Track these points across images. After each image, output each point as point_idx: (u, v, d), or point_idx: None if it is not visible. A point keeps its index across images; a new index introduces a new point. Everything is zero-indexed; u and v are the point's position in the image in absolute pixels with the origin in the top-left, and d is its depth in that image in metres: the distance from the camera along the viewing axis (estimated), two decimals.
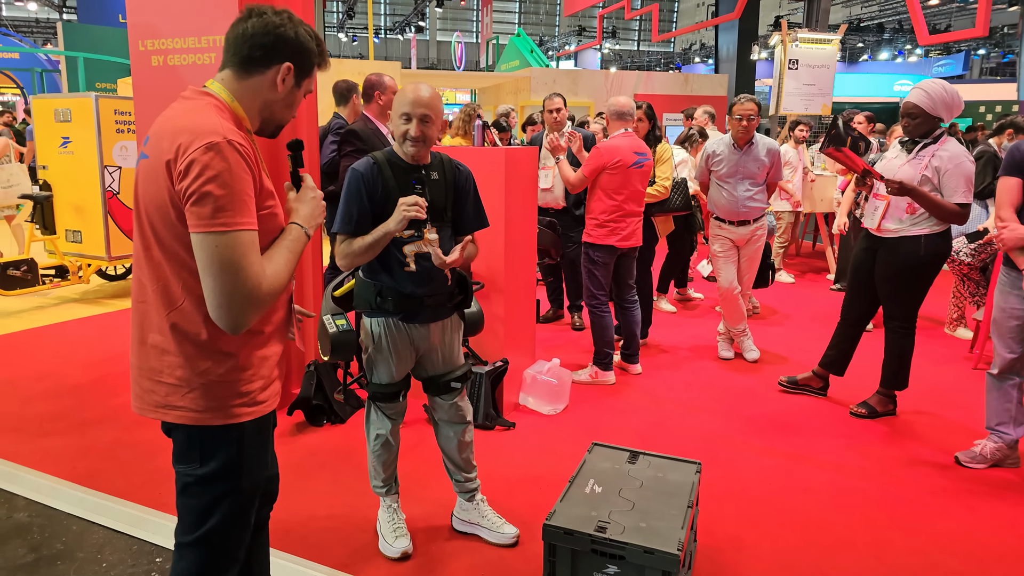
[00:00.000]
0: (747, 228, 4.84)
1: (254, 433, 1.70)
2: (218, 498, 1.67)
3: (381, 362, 2.67)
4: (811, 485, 3.33)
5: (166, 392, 1.61)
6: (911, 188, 3.68)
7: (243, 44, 1.64)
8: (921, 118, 3.73)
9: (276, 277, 1.58)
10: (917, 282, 3.89)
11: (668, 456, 2.80)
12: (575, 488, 2.59)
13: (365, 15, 11.48)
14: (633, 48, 39.46)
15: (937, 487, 3.33)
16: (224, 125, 1.53)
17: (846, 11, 31.03)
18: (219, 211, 1.46)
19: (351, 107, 4.86)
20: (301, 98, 1.76)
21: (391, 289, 2.57)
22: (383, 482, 2.86)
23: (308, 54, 1.69)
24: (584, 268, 4.51)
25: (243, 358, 1.64)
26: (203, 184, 1.46)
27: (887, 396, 4.13)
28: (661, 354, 5.20)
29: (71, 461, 3.46)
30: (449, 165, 2.67)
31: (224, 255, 1.47)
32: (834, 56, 10.31)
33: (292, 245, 1.67)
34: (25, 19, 28.99)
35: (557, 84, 11.27)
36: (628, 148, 4.34)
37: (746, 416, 4.11)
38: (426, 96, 2.47)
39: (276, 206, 1.66)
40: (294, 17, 1.68)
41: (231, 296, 1.49)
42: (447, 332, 2.74)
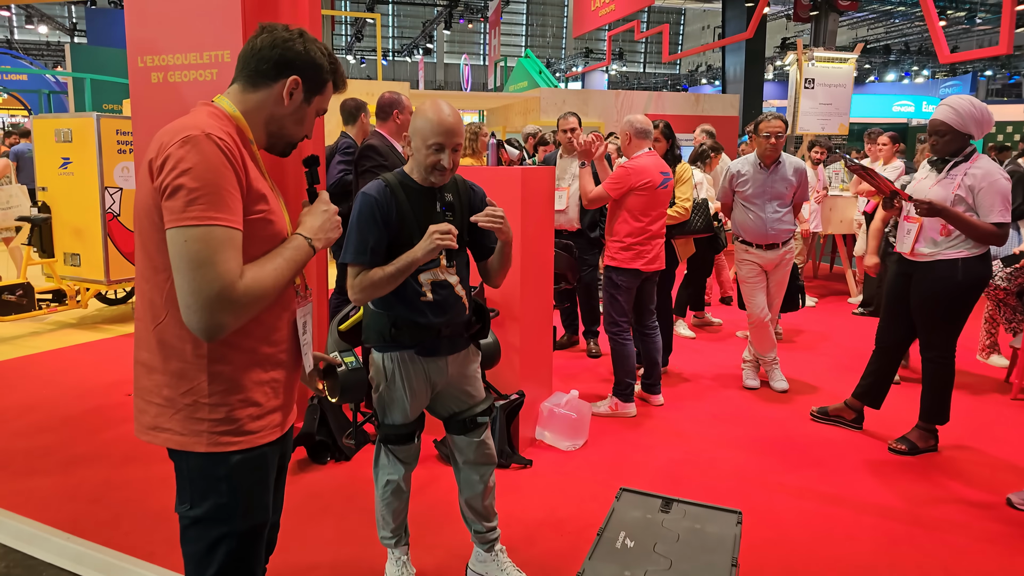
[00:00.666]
0: (776, 252, 4.61)
1: (247, 469, 1.57)
2: (214, 544, 1.57)
3: (395, 401, 2.43)
4: (855, 531, 3.07)
5: (155, 413, 1.53)
6: (942, 208, 3.48)
7: (251, 58, 1.61)
8: (949, 135, 3.55)
9: (258, 281, 1.46)
10: (956, 309, 3.67)
11: (705, 504, 2.57)
12: (605, 541, 2.36)
13: (373, 38, 11.40)
14: (639, 70, 39.59)
15: (992, 534, 3.07)
16: (209, 123, 1.47)
17: (852, 33, 31.08)
18: (191, 204, 1.38)
19: (359, 126, 4.71)
20: (313, 116, 1.70)
21: (406, 320, 2.34)
22: (392, 532, 2.62)
23: (318, 70, 1.64)
24: (606, 293, 4.28)
25: (233, 379, 1.53)
26: (176, 177, 1.39)
27: (928, 431, 3.87)
28: (683, 383, 4.96)
29: (56, 503, 3.23)
30: (464, 187, 2.47)
31: (194, 250, 1.38)
32: (851, 75, 10.20)
33: (289, 254, 1.56)
34: (36, 42, 29.24)
35: (567, 104, 11.12)
36: (655, 168, 4.15)
37: (778, 452, 3.86)
38: (456, 122, 2.27)
39: (271, 212, 1.57)
40: (307, 34, 1.64)
41: (199, 294, 1.38)
42: (465, 364, 2.53)
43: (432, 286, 2.33)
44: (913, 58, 29.94)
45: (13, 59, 17.09)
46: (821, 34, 18.37)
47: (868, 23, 29.85)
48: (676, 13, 38.08)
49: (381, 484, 2.55)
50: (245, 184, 1.49)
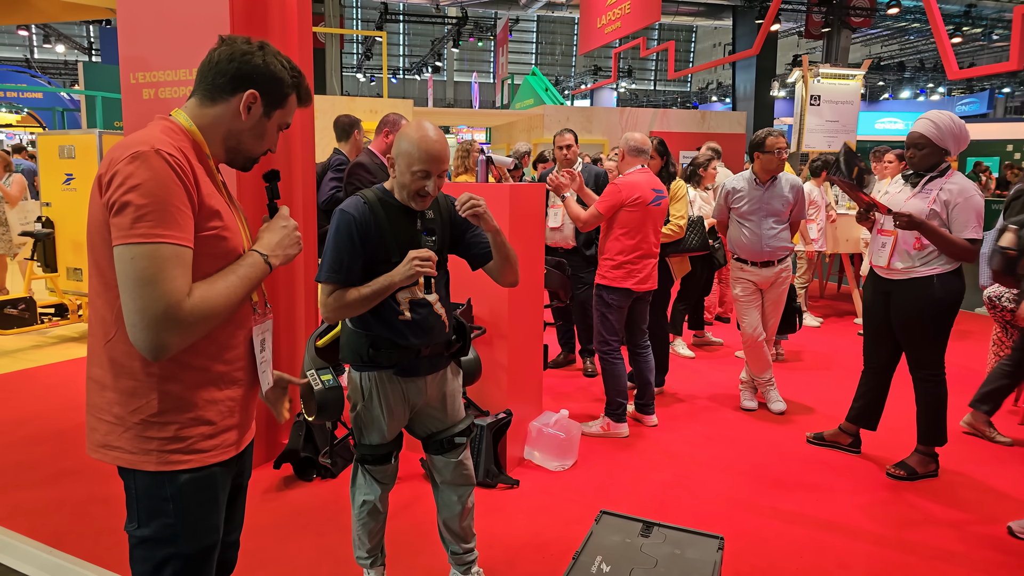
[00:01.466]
0: (771, 270, 4.55)
1: (195, 489, 1.54)
2: (160, 564, 1.53)
3: (372, 421, 2.38)
4: (847, 559, 2.99)
5: (105, 431, 1.50)
6: (920, 221, 3.44)
7: (209, 71, 1.58)
8: (928, 149, 3.54)
9: (206, 300, 1.43)
10: (939, 325, 3.62)
11: (686, 529, 2.51)
12: (580, 566, 2.31)
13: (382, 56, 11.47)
14: (649, 87, 39.64)
15: (991, 563, 2.98)
16: (160, 138, 1.44)
17: (865, 50, 30.95)
18: (138, 221, 1.36)
19: (352, 143, 4.71)
20: (275, 130, 1.66)
21: (386, 340, 2.29)
22: (368, 552, 2.58)
23: (278, 83, 1.60)
24: (596, 312, 4.24)
25: (184, 397, 1.50)
26: (124, 193, 1.36)
27: (928, 455, 3.78)
28: (678, 403, 4.89)
29: (41, 517, 3.23)
30: (444, 202, 2.41)
31: (140, 267, 1.36)
32: (858, 92, 10.12)
33: (243, 271, 1.53)
34: (54, 61, 29.70)
35: (571, 121, 11.14)
36: (647, 185, 4.11)
37: (772, 476, 3.78)
38: (442, 148, 2.19)
39: (225, 228, 1.53)
40: (268, 47, 1.61)
41: (144, 312, 1.36)
42: (446, 383, 2.48)
43: (410, 304, 2.27)
44: (928, 75, 29.70)
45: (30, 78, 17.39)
46: (833, 51, 18.39)
47: (882, 40, 29.67)
48: (687, 31, 38.18)
49: (357, 504, 2.51)
50: (197, 201, 1.46)
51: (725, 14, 20.27)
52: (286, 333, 3.82)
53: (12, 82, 16.43)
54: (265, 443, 3.77)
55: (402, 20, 27.42)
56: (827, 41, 18.57)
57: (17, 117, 19.55)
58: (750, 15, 18.40)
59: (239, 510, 1.80)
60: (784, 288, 4.64)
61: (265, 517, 3.24)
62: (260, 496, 3.43)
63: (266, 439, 3.78)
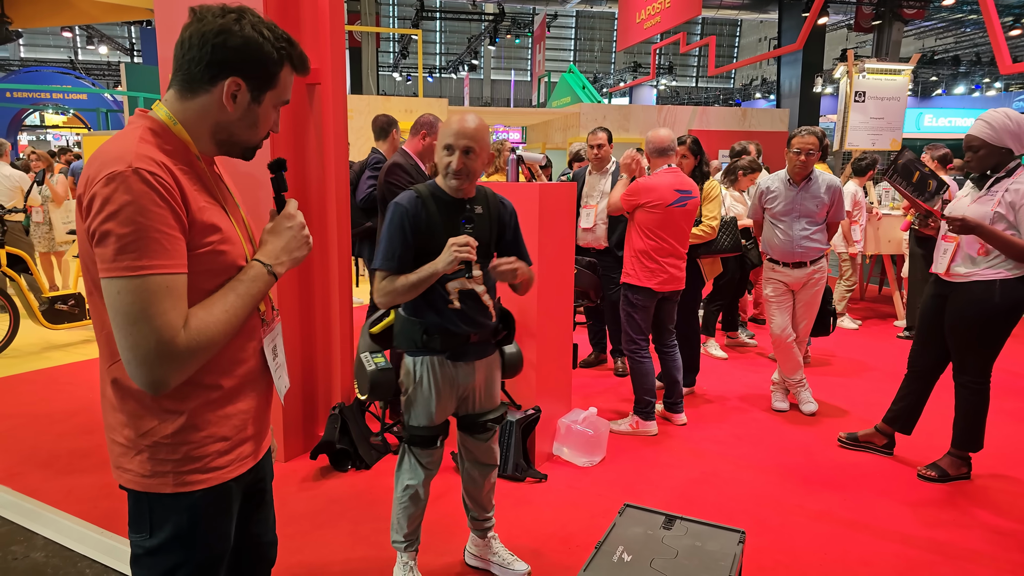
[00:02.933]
0: (803, 271, 4.50)
1: (211, 501, 1.46)
2: (168, 572, 1.45)
3: (421, 403, 2.54)
4: (872, 558, 3.01)
5: (119, 452, 1.42)
6: (975, 225, 3.35)
7: (182, 57, 1.38)
8: (985, 151, 3.44)
9: (205, 329, 1.32)
10: (992, 333, 3.52)
11: (708, 522, 2.55)
12: (602, 556, 2.37)
13: (418, 54, 11.60)
14: (691, 84, 39.17)
15: (1019, 565, 2.96)
16: (138, 151, 1.29)
17: (918, 43, 30.00)
18: (121, 252, 1.24)
19: (390, 142, 4.79)
20: (271, 114, 1.48)
21: (437, 327, 2.46)
22: (404, 537, 2.71)
23: (263, 63, 1.40)
24: (623, 311, 4.27)
25: (195, 417, 1.41)
26: (103, 222, 1.24)
27: (960, 458, 3.74)
28: (708, 404, 4.90)
29: (93, 501, 3.41)
30: (494, 200, 2.57)
31: (127, 302, 1.25)
32: (905, 88, 9.80)
33: (244, 288, 1.41)
34: (97, 62, 30.46)
35: (608, 120, 11.09)
36: (668, 186, 4.07)
37: (800, 475, 3.79)
38: (470, 127, 2.36)
39: (223, 241, 1.40)
40: (246, 16, 1.38)
41: (136, 350, 1.26)
42: (491, 369, 2.65)
43: (460, 295, 2.43)
44: (985, 69, 28.52)
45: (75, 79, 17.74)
46: (884, 44, 17.87)
47: (937, 32, 28.71)
48: (731, 25, 37.63)
49: (400, 488, 2.64)
50: (186, 219, 1.32)
51: (771, 7, 19.87)
52: (321, 326, 3.95)
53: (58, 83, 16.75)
54: (302, 435, 3.91)
55: (439, 17, 27.49)
56: (878, 34, 18.06)
57: (63, 118, 20.12)
58: (797, 8, 17.93)
59: (270, 512, 1.76)
60: (817, 290, 4.56)
61: (302, 505, 3.37)
62: (297, 485, 3.56)
63: (303, 431, 3.91)
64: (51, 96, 15.53)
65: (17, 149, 14.87)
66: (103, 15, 9.37)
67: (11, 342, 5.97)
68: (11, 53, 30.05)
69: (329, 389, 4.01)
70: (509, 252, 2.53)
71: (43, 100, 15.90)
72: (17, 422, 4.44)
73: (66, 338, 6.51)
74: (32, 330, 6.48)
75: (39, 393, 5.00)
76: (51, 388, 5.11)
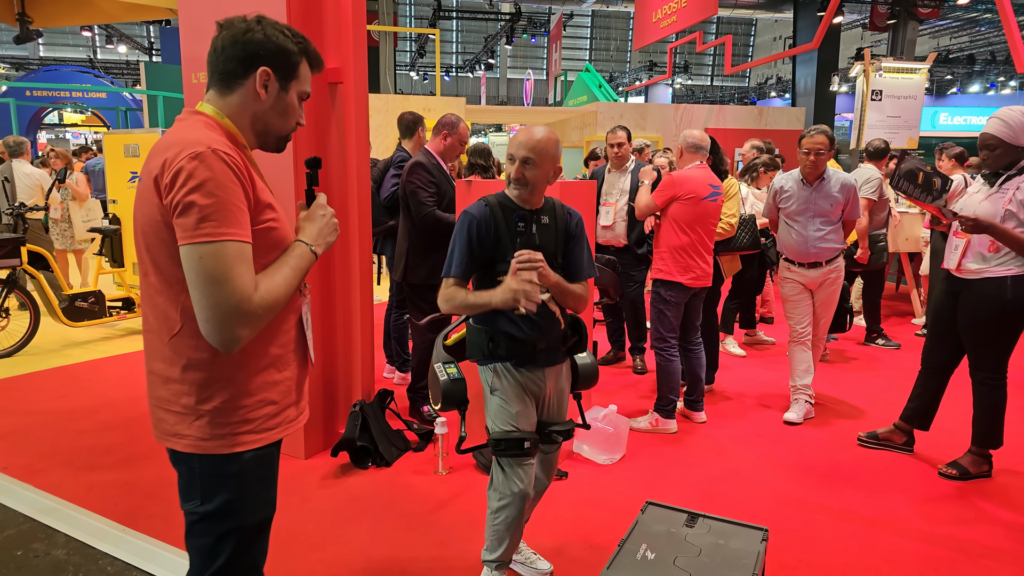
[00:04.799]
0: (819, 271, 4.43)
1: (256, 466, 1.62)
2: (223, 536, 1.61)
3: (498, 410, 2.49)
4: (894, 556, 2.99)
5: (175, 421, 1.56)
6: (988, 224, 3.36)
7: (217, 60, 1.59)
8: (1001, 149, 3.44)
9: (270, 292, 1.50)
10: (1006, 329, 3.53)
11: (731, 520, 2.54)
12: (625, 553, 2.36)
13: (435, 53, 11.63)
14: (706, 83, 39.04)
15: None
16: (211, 136, 1.49)
17: (933, 42, 29.84)
18: (203, 221, 1.40)
19: (416, 140, 4.80)
20: (296, 103, 1.67)
21: (503, 333, 2.45)
22: (496, 559, 2.58)
23: (285, 54, 1.61)
24: (654, 308, 4.26)
25: (248, 383, 1.58)
26: (187, 194, 1.40)
27: (981, 456, 3.72)
28: (727, 401, 4.89)
29: (114, 498, 3.42)
30: (561, 211, 2.55)
31: (209, 266, 1.41)
32: (921, 86, 9.78)
33: (294, 262, 1.61)
34: (116, 61, 30.63)
35: (625, 118, 11.06)
36: (703, 180, 4.13)
37: (821, 473, 3.77)
38: (532, 139, 2.38)
39: (276, 219, 1.60)
40: (266, 20, 1.61)
41: (216, 309, 1.42)
42: (561, 379, 2.60)
43: None
44: (1000, 68, 28.35)
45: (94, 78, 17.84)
46: (899, 43, 17.78)
47: (951, 31, 28.56)
48: (746, 24, 37.51)
49: (493, 507, 2.53)
50: (252, 196, 1.51)
51: (786, 6, 19.78)
52: (342, 324, 3.96)
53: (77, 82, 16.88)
54: (323, 432, 3.92)
55: (455, 17, 27.56)
56: (892, 33, 17.98)
57: (82, 117, 20.26)
58: (812, 7, 17.88)
59: None
60: (833, 289, 4.49)
61: (322, 502, 3.38)
62: (318, 482, 3.58)
63: (324, 428, 3.93)
64: (70, 95, 15.65)
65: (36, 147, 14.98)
66: (123, 14, 9.45)
67: (31, 339, 6.01)
68: (30, 52, 30.21)
69: (350, 386, 4.03)
70: (570, 263, 2.52)
71: (62, 99, 16.01)
72: (37, 419, 4.46)
73: (86, 335, 6.56)
74: (52, 327, 6.53)
75: (59, 390, 5.04)
76: (71, 385, 5.15)
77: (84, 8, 9.33)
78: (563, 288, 2.40)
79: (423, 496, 3.45)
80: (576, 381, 2.66)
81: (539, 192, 2.45)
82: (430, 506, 3.35)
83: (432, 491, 3.50)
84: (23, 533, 3.11)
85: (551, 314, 2.45)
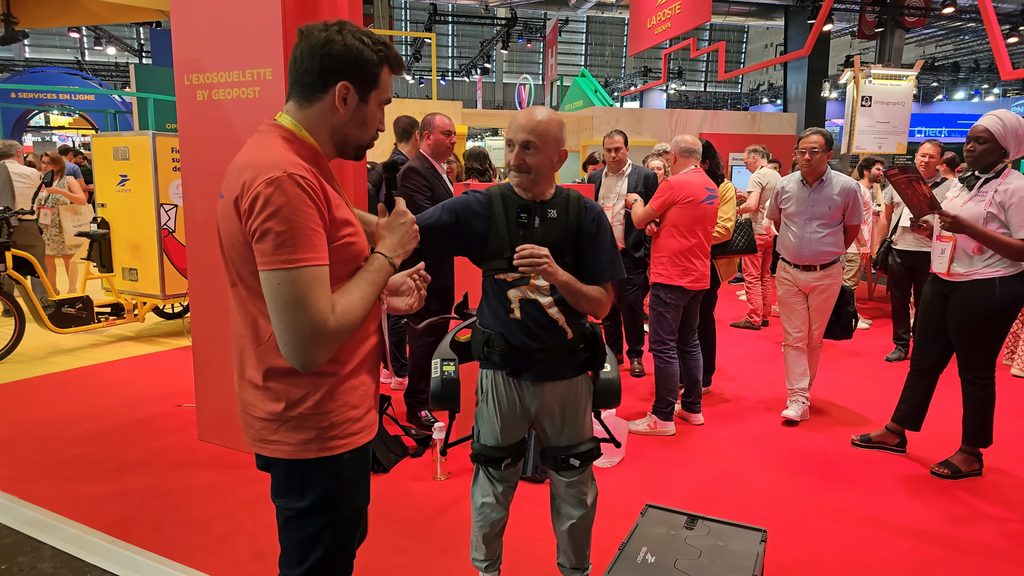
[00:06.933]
0: (811, 274, 4.36)
1: (353, 463, 1.65)
2: (320, 530, 1.64)
3: (485, 421, 2.34)
4: (888, 555, 2.99)
5: (260, 427, 1.59)
6: (967, 224, 3.42)
7: (296, 71, 1.58)
8: (989, 144, 3.49)
9: (347, 313, 1.51)
10: (995, 329, 3.60)
11: (730, 522, 2.53)
12: (626, 556, 2.34)
13: (431, 57, 11.59)
14: (700, 89, 39.23)
15: None
16: (288, 158, 1.48)
17: (919, 50, 30.17)
18: (280, 247, 1.42)
19: (413, 144, 4.78)
20: (377, 112, 1.65)
21: (499, 337, 2.25)
22: (484, 556, 2.52)
23: (366, 65, 1.57)
24: (653, 311, 4.27)
25: (334, 389, 1.59)
26: (264, 221, 1.42)
27: (972, 455, 3.77)
28: (724, 403, 4.88)
29: (103, 508, 3.34)
30: (576, 205, 2.26)
31: (287, 292, 1.43)
32: (910, 93, 9.90)
33: (372, 276, 1.60)
34: (105, 63, 30.05)
35: (620, 123, 11.07)
36: (699, 183, 4.18)
37: (817, 473, 3.78)
38: (532, 120, 2.14)
39: (353, 234, 1.60)
40: (346, 27, 1.56)
41: (295, 333, 1.44)
42: (569, 395, 2.32)
43: (520, 304, 2.22)
44: (983, 76, 28.81)
45: (82, 80, 17.51)
46: (886, 51, 17.96)
47: (936, 40, 28.90)
48: (739, 31, 37.72)
49: (475, 506, 2.46)
50: (328, 216, 1.51)
51: (777, 14, 19.96)
52: None
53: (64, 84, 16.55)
54: None
55: (451, 21, 27.53)
56: (880, 41, 18.16)
57: (69, 120, 20.06)
58: (802, 15, 18.08)
59: None
60: (827, 295, 4.41)
61: None
62: None
63: None
64: (57, 97, 15.33)
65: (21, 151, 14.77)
66: (111, 16, 9.34)
67: (16, 346, 5.84)
68: (15, 53, 29.45)
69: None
70: (585, 262, 2.25)
71: (49, 101, 15.81)
72: (23, 428, 4.34)
73: (73, 342, 6.42)
74: (39, 334, 6.34)
75: (46, 399, 4.92)
76: (58, 393, 5.03)
77: (71, 9, 9.23)
78: (573, 289, 2.15)
79: (421, 502, 3.41)
80: (594, 399, 2.41)
81: (543, 181, 2.21)
82: (428, 512, 3.31)
83: (430, 497, 3.46)
84: (7, 546, 3.02)
85: (552, 322, 2.22)
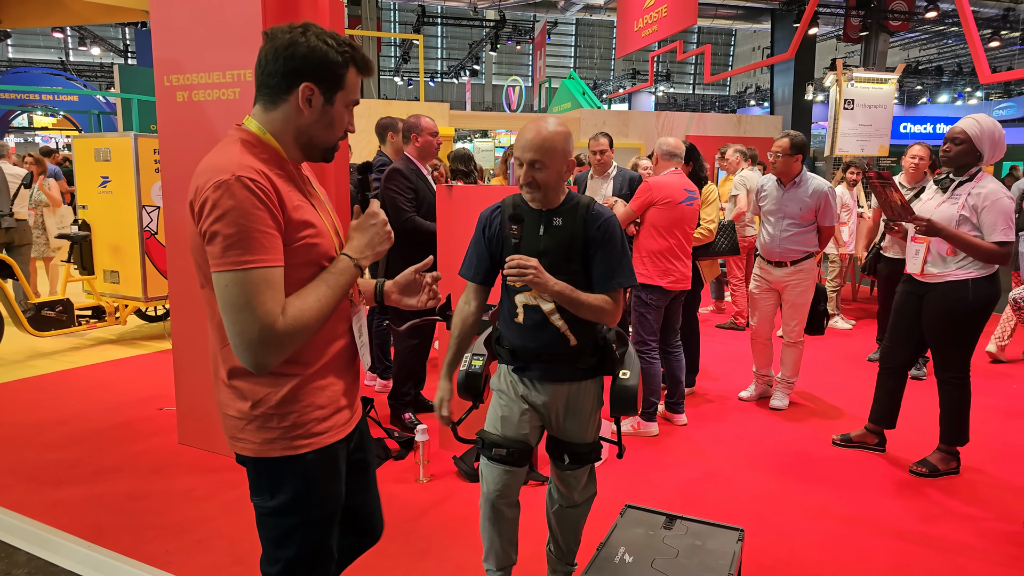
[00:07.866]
0: (782, 270, 4.62)
1: (320, 464, 1.65)
2: (290, 530, 1.65)
3: (492, 409, 2.43)
4: (867, 553, 3.02)
5: (231, 424, 1.62)
6: (941, 228, 3.48)
7: (261, 74, 1.57)
8: (965, 146, 3.54)
9: (300, 315, 1.50)
10: (968, 329, 3.65)
11: (708, 521, 2.54)
12: (603, 557, 2.34)
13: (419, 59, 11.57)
14: (688, 91, 39.38)
15: (1008, 558, 2.99)
16: (240, 161, 1.48)
17: (903, 54, 30.46)
18: (228, 249, 1.42)
19: (391, 144, 4.76)
20: (343, 113, 1.63)
21: (507, 338, 2.38)
22: (495, 558, 2.47)
23: (330, 66, 1.56)
24: (635, 312, 4.31)
25: (298, 389, 1.60)
26: (212, 223, 1.43)
27: (949, 453, 3.82)
28: (708, 404, 4.90)
29: (80, 513, 3.30)
30: (585, 211, 2.26)
31: (234, 293, 1.43)
32: (891, 96, 10.00)
33: (333, 279, 1.59)
34: (89, 64, 29.67)
35: (607, 125, 11.10)
36: (678, 185, 4.22)
37: (798, 474, 3.80)
38: (537, 137, 2.16)
39: (315, 235, 1.59)
40: (310, 29, 1.55)
41: (243, 335, 1.45)
42: (573, 397, 2.36)
43: (524, 309, 2.29)
44: (966, 79, 29.17)
45: (66, 80, 17.34)
46: (871, 55, 18.11)
47: (920, 44, 29.20)
48: (726, 34, 37.87)
49: (481, 498, 2.45)
50: (283, 219, 1.50)
51: (764, 18, 20.08)
52: None
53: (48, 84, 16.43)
54: None
55: (440, 23, 27.48)
56: (865, 45, 18.31)
57: (53, 120, 19.87)
58: (789, 18, 18.19)
59: (373, 484, 1.96)
60: (800, 291, 4.62)
61: None
62: None
63: None
64: (40, 97, 15.18)
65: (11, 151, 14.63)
66: (96, 16, 9.25)
67: None
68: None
69: None
70: (593, 270, 2.26)
71: (31, 102, 15.66)
72: (1, 432, 4.28)
73: (52, 345, 6.32)
74: (17, 337, 6.22)
75: (24, 402, 4.85)
76: (37, 397, 4.97)
77: (55, 9, 9.14)
78: (569, 299, 2.17)
79: (403, 504, 3.40)
80: (612, 405, 2.38)
81: (555, 192, 2.25)
82: (411, 514, 3.30)
83: (413, 499, 3.45)
84: None
85: (554, 329, 2.26)
